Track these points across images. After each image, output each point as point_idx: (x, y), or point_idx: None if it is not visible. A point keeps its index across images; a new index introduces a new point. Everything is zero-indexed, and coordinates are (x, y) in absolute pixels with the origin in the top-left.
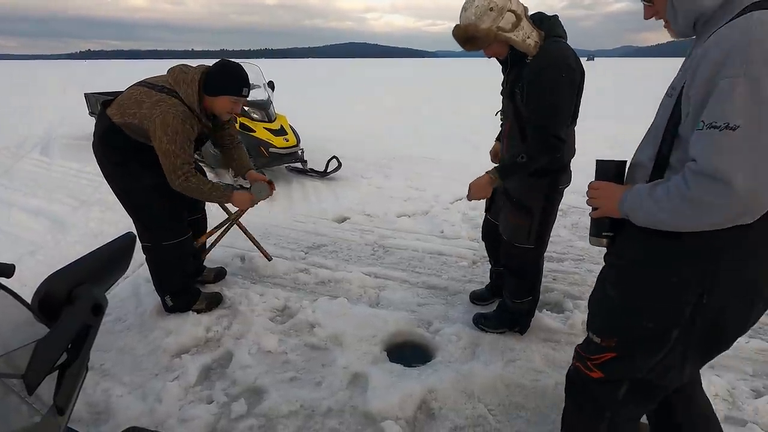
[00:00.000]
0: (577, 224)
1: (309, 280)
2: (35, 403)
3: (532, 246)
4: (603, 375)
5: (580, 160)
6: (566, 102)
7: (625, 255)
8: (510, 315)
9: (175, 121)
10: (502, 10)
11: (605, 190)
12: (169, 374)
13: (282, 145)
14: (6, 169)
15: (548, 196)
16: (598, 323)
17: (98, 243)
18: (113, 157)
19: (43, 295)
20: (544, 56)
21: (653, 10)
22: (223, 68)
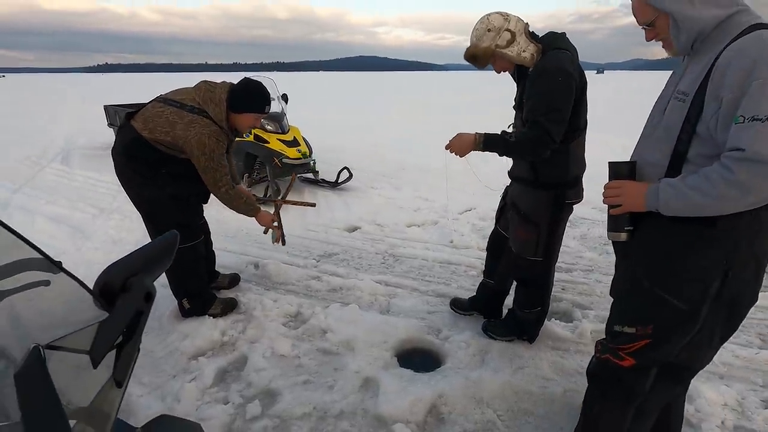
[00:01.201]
0: (586, 235)
1: (321, 287)
2: (98, 378)
3: (541, 258)
4: (635, 362)
5: (589, 171)
6: (562, 104)
7: (655, 244)
8: (519, 323)
9: (210, 141)
10: (500, 30)
11: (627, 188)
12: (187, 376)
13: (295, 156)
14: (29, 179)
15: (555, 210)
16: (631, 314)
17: (117, 249)
18: (138, 167)
19: (102, 283)
20: (540, 64)
21: (654, 32)
22: (248, 87)
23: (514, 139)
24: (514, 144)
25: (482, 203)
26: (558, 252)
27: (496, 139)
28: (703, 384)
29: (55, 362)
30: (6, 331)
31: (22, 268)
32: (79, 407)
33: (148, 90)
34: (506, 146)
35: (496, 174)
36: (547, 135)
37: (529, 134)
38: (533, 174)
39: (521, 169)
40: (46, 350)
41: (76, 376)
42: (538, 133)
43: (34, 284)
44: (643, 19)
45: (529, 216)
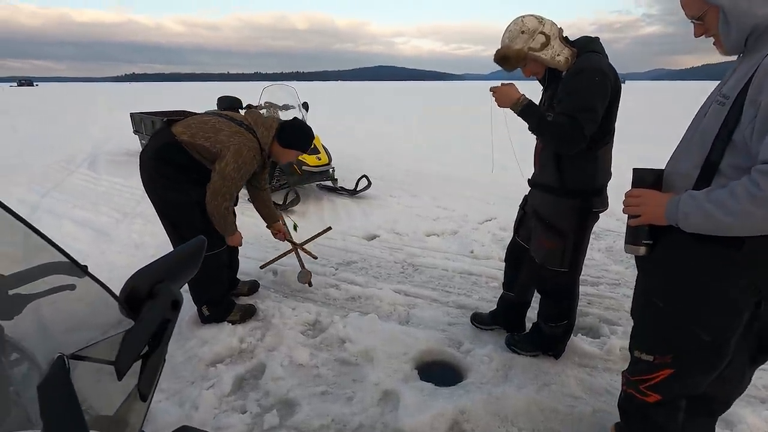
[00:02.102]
0: (612, 248)
1: (339, 296)
2: (122, 388)
3: (566, 270)
4: (661, 397)
5: (615, 181)
6: (598, 104)
7: (674, 264)
8: (544, 338)
9: (248, 154)
10: (534, 33)
11: (648, 197)
12: (205, 382)
13: (314, 164)
14: (57, 183)
15: (581, 217)
16: (648, 340)
17: (139, 253)
18: (166, 170)
19: (129, 290)
20: (577, 64)
21: (703, 28)
22: (300, 128)
23: (549, 120)
24: (549, 124)
25: (503, 213)
26: (583, 262)
27: (535, 109)
28: (743, 409)
29: (79, 371)
30: (31, 335)
31: (48, 272)
32: (102, 416)
33: (172, 98)
34: (540, 122)
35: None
36: (581, 131)
37: (566, 124)
38: (559, 181)
39: (546, 175)
40: (70, 360)
41: (101, 385)
42: (574, 127)
43: (59, 288)
44: (691, 12)
45: (553, 224)
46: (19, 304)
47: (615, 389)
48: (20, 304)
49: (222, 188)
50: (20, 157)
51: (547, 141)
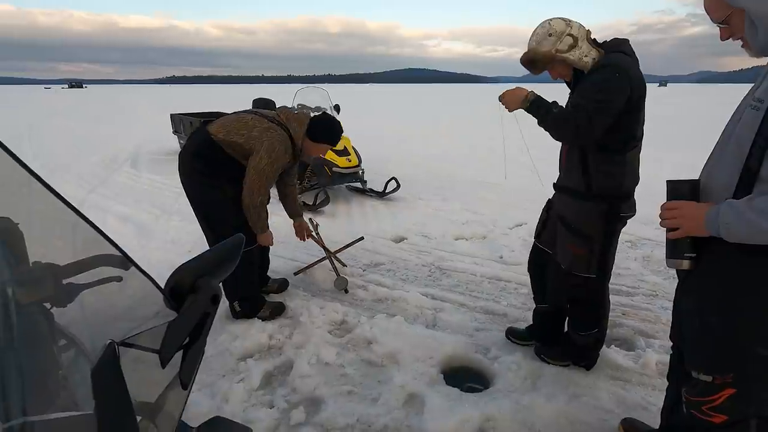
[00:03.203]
0: (649, 257)
1: (366, 297)
2: (163, 377)
3: (594, 276)
4: (727, 417)
5: (652, 189)
6: (613, 96)
7: (727, 278)
8: (575, 348)
9: (280, 148)
10: (561, 35)
11: (686, 209)
12: (235, 376)
13: (345, 165)
14: (102, 180)
15: (608, 222)
16: (706, 359)
17: (175, 249)
18: (202, 167)
19: (173, 284)
20: (600, 62)
21: (729, 31)
22: (330, 123)
23: (556, 111)
24: (554, 116)
25: (534, 218)
26: (611, 268)
27: (542, 103)
28: None
29: (125, 358)
30: (79, 323)
31: (99, 263)
32: (144, 402)
33: (210, 100)
34: (546, 114)
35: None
36: (589, 122)
37: (570, 113)
38: (585, 185)
39: (572, 179)
40: (120, 346)
41: (143, 373)
42: (580, 115)
43: (108, 279)
44: (715, 15)
45: (579, 229)
46: (72, 293)
47: (651, 404)
48: (73, 292)
49: (257, 183)
50: (69, 155)
51: (551, 132)
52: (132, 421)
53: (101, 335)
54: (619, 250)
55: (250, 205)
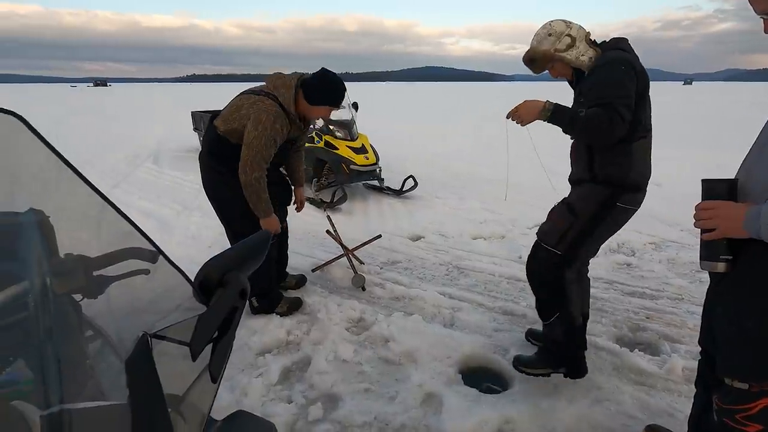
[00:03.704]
0: (674, 260)
1: (384, 295)
2: (191, 370)
3: (559, 252)
4: (763, 427)
5: (679, 190)
6: (629, 89)
7: (762, 282)
8: (551, 351)
9: (267, 118)
10: (560, 35)
11: (723, 209)
12: (254, 371)
13: (362, 163)
14: (125, 176)
15: (601, 207)
16: (741, 366)
17: (196, 245)
18: (216, 166)
19: (202, 277)
20: (599, 59)
21: None
22: (324, 79)
23: (582, 114)
24: (582, 120)
25: None
26: (583, 259)
27: (564, 111)
28: None
29: (156, 351)
30: (107, 316)
31: (127, 256)
32: (173, 395)
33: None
34: (573, 120)
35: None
36: (619, 116)
37: (600, 112)
38: (590, 172)
39: (579, 170)
40: (152, 339)
41: (172, 366)
42: (611, 112)
43: (136, 272)
44: (761, 6)
45: (572, 205)
46: (102, 285)
47: (677, 411)
48: (103, 284)
49: (248, 157)
50: (93, 151)
51: (584, 136)
52: (164, 413)
53: (127, 327)
54: (642, 251)
55: (246, 183)
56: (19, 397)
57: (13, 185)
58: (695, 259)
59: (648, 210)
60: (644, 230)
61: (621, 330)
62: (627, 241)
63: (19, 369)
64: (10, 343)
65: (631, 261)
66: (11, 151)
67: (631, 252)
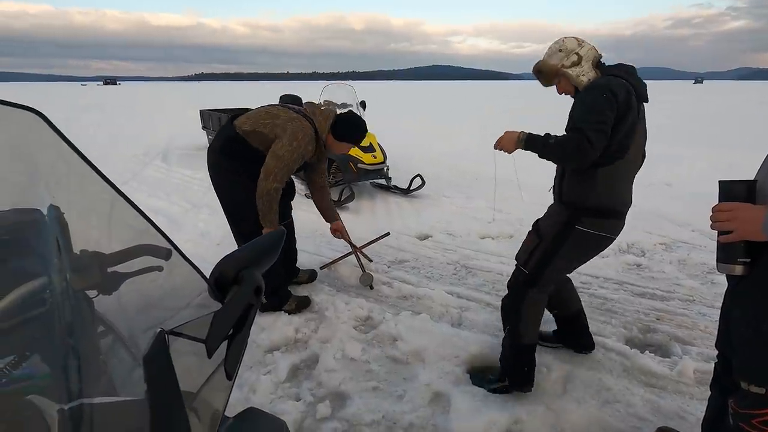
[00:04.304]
0: (685, 261)
1: (391, 294)
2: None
3: (526, 272)
4: None
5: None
6: (605, 116)
7: None
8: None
9: (303, 138)
10: (570, 53)
11: (741, 211)
12: (263, 368)
13: (370, 162)
14: (135, 174)
15: (564, 228)
16: (758, 371)
17: (205, 242)
18: (231, 164)
19: (218, 274)
20: (587, 85)
21: None
22: (355, 121)
23: (552, 141)
24: (552, 145)
25: None
26: (548, 283)
27: (535, 139)
28: None
29: (172, 347)
30: (120, 312)
31: (141, 253)
32: (187, 392)
33: (237, 96)
34: (544, 147)
35: None
36: (587, 141)
37: (569, 138)
38: (559, 194)
39: (555, 186)
40: (169, 336)
41: (187, 363)
42: (578, 137)
43: (149, 269)
44: None
45: (539, 225)
46: (117, 282)
47: (688, 413)
48: (117, 281)
49: (274, 168)
50: (102, 149)
51: (555, 160)
52: (181, 408)
53: (141, 324)
54: (653, 252)
55: (264, 192)
56: (36, 391)
57: (32, 181)
58: (706, 260)
59: (658, 210)
60: (654, 231)
61: (631, 331)
62: (637, 242)
63: (35, 364)
64: (28, 338)
65: (641, 262)
66: (31, 147)
67: (641, 252)
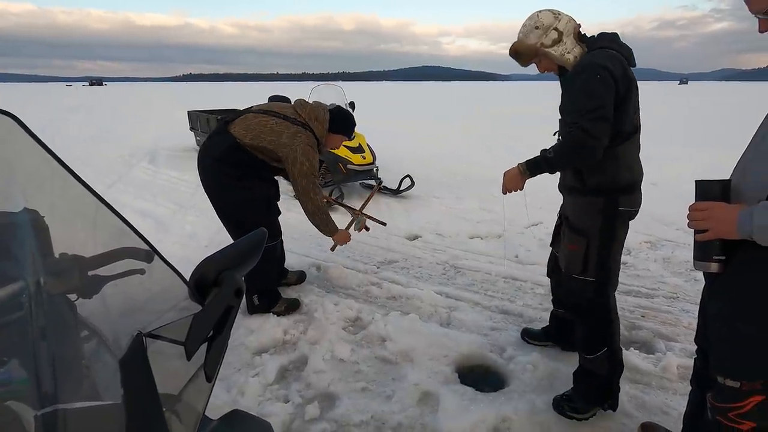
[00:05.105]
0: (670, 259)
1: (381, 294)
2: (186, 370)
3: (593, 279)
4: (756, 425)
5: (675, 189)
6: (603, 100)
7: (754, 283)
8: (595, 387)
9: (312, 151)
10: (548, 29)
11: (716, 210)
12: (251, 370)
13: (359, 162)
14: (121, 176)
15: (606, 217)
16: (733, 365)
17: (193, 244)
18: (232, 171)
19: (198, 276)
20: (578, 64)
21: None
22: (345, 114)
23: (551, 154)
24: (556, 157)
25: (549, 218)
26: (616, 276)
27: (536, 161)
28: None
29: (150, 350)
30: (102, 316)
31: (122, 256)
32: (167, 395)
33: (226, 97)
34: (549, 163)
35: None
36: (588, 135)
37: (568, 139)
38: (579, 181)
39: (567, 176)
40: (146, 338)
41: (167, 366)
42: (578, 135)
43: (131, 272)
44: (757, 6)
45: (576, 225)
46: (97, 285)
47: (671, 409)
48: (98, 284)
49: (310, 185)
50: (89, 151)
51: (568, 166)
52: (159, 412)
53: (123, 327)
54: (638, 250)
55: (316, 210)
56: (14, 397)
57: (7, 185)
58: (690, 257)
59: (644, 209)
60: (640, 229)
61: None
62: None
63: (13, 369)
64: (5, 343)
65: (627, 260)
66: (6, 151)
67: (627, 251)
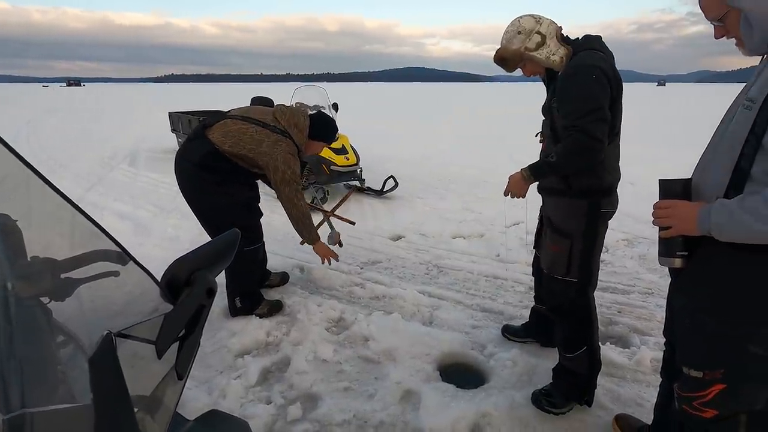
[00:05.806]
0: (645, 256)
1: (364, 295)
2: (158, 370)
3: (575, 279)
4: (717, 412)
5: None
6: (601, 101)
7: (714, 277)
8: (574, 385)
9: (293, 159)
10: (530, 33)
11: (678, 208)
12: (233, 372)
13: (343, 164)
14: (100, 178)
15: (590, 219)
16: (696, 356)
17: (174, 246)
18: (211, 176)
19: (169, 276)
20: (571, 65)
21: (724, 29)
22: (326, 120)
23: (554, 158)
24: (560, 161)
25: (530, 217)
26: (596, 276)
27: (539, 166)
28: None
29: (121, 350)
30: (77, 318)
31: (96, 258)
32: (139, 396)
33: (208, 98)
34: (552, 167)
35: None
36: (591, 137)
37: (571, 142)
38: (565, 183)
39: (551, 179)
40: (116, 338)
41: (139, 366)
42: (581, 137)
43: (104, 274)
44: (711, 14)
45: (560, 227)
46: (70, 287)
47: (644, 401)
48: (71, 287)
49: (292, 192)
50: (67, 153)
51: (572, 170)
52: (129, 411)
53: (98, 329)
54: (615, 248)
55: (301, 216)
56: None
57: None
58: None
59: (621, 208)
60: (617, 227)
61: None
62: None
63: None
64: None
65: (605, 257)
66: None
67: (605, 249)
